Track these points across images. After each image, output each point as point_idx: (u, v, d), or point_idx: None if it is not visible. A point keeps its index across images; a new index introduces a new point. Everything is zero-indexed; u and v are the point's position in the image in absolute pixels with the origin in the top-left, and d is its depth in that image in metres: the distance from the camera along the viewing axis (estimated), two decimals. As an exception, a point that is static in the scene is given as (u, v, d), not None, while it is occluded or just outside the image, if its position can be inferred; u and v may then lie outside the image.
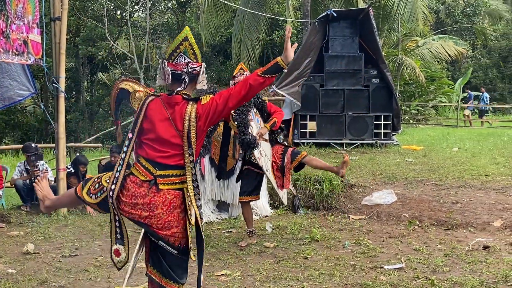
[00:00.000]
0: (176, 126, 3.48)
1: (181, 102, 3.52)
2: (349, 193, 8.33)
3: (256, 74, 3.54)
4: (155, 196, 3.44)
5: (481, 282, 4.82)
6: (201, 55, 3.69)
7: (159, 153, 3.50)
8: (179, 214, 3.50)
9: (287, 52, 3.60)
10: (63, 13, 8.13)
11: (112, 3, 22.77)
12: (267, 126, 6.26)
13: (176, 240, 3.50)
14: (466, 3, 34.88)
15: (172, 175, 3.50)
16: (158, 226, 3.44)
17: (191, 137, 3.46)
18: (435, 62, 25.71)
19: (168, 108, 3.52)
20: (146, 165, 3.50)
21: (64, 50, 8.22)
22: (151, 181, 3.46)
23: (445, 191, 8.20)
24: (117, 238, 3.61)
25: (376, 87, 13.41)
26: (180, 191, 3.52)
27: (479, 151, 12.14)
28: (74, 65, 24.12)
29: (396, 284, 4.82)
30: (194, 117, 3.46)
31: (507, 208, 7.22)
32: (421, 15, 20.04)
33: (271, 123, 6.29)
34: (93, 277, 5.24)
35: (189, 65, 3.57)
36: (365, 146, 13.07)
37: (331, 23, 13.43)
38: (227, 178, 7.90)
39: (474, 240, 6.34)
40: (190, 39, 3.58)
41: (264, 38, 21.68)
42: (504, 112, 29.23)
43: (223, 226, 7.39)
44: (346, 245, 6.22)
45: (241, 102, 3.56)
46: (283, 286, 4.84)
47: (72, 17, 20.07)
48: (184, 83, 3.56)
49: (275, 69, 3.56)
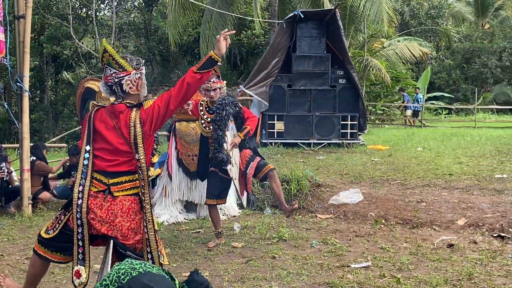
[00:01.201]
0: (123, 134, 3.55)
1: (125, 110, 3.59)
2: (317, 192, 8.37)
3: (192, 71, 3.60)
4: (112, 205, 3.47)
5: (446, 280, 4.90)
6: (137, 62, 3.76)
7: (108, 163, 3.55)
8: (140, 220, 3.51)
9: (219, 44, 3.69)
10: (28, 11, 7.99)
11: (78, 1, 22.47)
12: (240, 136, 6.15)
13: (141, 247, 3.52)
14: (430, 5, 35.49)
15: (125, 181, 3.54)
16: (123, 236, 3.44)
17: (137, 143, 3.51)
18: (400, 63, 26.08)
19: (113, 118, 3.59)
20: (97, 177, 3.54)
21: (28, 49, 8.08)
22: (105, 191, 3.50)
23: (410, 190, 8.32)
24: (78, 259, 3.58)
25: (343, 88, 13.53)
26: (136, 196, 3.54)
27: (443, 151, 12.36)
28: (38, 64, 23.71)
29: (363, 282, 4.87)
30: (139, 123, 3.53)
31: (470, 206, 7.36)
32: (386, 16, 20.29)
33: (244, 132, 6.18)
34: (58, 279, 5.16)
35: (114, 75, 3.63)
36: (332, 146, 13.18)
37: (298, 23, 13.51)
38: (195, 178, 7.86)
39: (438, 238, 6.44)
40: (109, 51, 3.64)
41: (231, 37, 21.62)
42: (467, 113, 29.81)
43: (191, 227, 7.36)
44: (314, 244, 6.26)
45: (182, 102, 3.63)
46: (251, 286, 4.84)
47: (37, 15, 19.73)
48: (117, 93, 3.66)
49: (209, 63, 3.63)
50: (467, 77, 35.34)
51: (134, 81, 3.67)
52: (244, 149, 6.39)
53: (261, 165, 6.30)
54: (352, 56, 19.98)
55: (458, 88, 34.92)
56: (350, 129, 13.38)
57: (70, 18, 18.77)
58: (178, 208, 7.94)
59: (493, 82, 35.33)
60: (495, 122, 24.21)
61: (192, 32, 24.53)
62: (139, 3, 26.84)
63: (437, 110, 30.06)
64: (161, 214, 7.78)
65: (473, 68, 34.64)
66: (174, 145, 7.99)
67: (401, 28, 34.43)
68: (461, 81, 35.15)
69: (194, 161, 7.83)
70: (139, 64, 3.76)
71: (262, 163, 6.32)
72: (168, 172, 7.99)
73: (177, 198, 7.93)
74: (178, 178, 7.94)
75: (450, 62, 36.08)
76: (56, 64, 24.66)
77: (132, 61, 3.72)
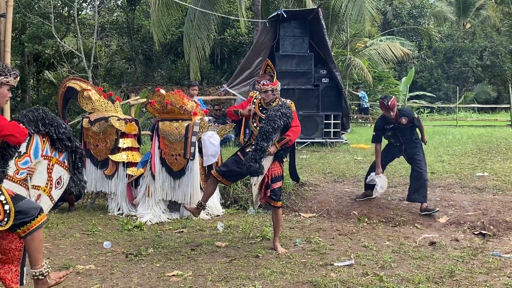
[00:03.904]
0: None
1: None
2: (300, 191, 8.40)
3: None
4: None
5: (428, 277, 4.94)
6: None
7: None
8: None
9: None
10: (8, 10, 7.90)
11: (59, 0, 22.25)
12: (277, 146, 5.81)
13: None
14: (412, 5, 35.72)
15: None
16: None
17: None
18: (382, 62, 26.22)
19: None
20: None
21: (9, 48, 7.98)
22: None
23: (393, 189, 8.37)
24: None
25: (326, 87, 13.58)
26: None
27: (425, 149, 12.39)
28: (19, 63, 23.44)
29: (346, 280, 4.89)
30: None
31: (452, 204, 7.43)
32: (368, 16, 20.39)
33: (282, 142, 5.82)
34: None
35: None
36: (315, 145, 13.21)
37: (282, 23, 13.53)
38: (178, 178, 7.84)
39: (420, 236, 6.49)
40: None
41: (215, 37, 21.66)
42: (449, 111, 30.07)
43: (174, 226, 7.34)
44: (297, 243, 6.28)
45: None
46: (234, 285, 4.84)
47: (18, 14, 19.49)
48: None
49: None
50: (448, 76, 35.66)
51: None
52: (276, 160, 6.02)
53: (276, 195, 5.97)
54: (335, 56, 20.03)
55: (439, 87, 35.22)
56: (333, 128, 13.42)
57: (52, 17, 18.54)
58: (161, 207, 7.91)
59: (474, 81, 35.72)
60: (476, 120, 24.43)
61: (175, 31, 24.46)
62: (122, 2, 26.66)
63: (419, 109, 30.28)
64: (144, 214, 7.75)
65: (455, 67, 34.95)
66: (157, 145, 7.95)
67: (384, 27, 34.63)
68: (442, 80, 35.45)
69: (177, 160, 7.81)
70: (3, 71, 3.85)
71: (278, 193, 5.99)
72: (151, 172, 7.96)
73: (160, 198, 7.90)
74: (161, 178, 7.91)
75: (432, 61, 36.35)
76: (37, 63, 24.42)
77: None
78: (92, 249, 6.15)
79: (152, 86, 22.63)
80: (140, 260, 5.69)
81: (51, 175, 4.80)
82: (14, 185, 4.43)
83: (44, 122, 4.64)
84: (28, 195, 4.52)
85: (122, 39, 27.08)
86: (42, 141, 4.73)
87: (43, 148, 4.75)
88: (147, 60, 27.62)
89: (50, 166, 4.82)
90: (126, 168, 8.23)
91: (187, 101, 7.89)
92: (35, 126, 4.54)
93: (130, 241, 6.51)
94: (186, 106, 7.82)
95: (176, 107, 7.80)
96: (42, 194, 4.77)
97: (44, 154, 4.75)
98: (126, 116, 8.63)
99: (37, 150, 4.70)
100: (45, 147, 4.79)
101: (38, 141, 4.68)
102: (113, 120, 8.16)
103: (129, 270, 5.34)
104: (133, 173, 8.18)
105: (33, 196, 4.57)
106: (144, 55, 27.17)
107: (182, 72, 26.38)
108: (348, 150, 12.57)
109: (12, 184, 4.40)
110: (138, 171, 8.18)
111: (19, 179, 4.55)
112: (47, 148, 4.79)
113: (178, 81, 25.75)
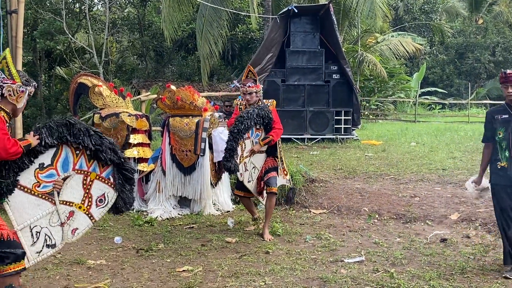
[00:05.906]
0: None
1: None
2: (310, 187, 8.38)
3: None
4: None
5: (439, 274, 4.92)
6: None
7: None
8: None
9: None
10: (20, 6, 7.94)
11: (71, -4, 22.37)
12: (261, 143, 6.30)
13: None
14: (424, 0, 35.47)
15: None
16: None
17: None
18: (393, 58, 26.10)
19: None
20: None
21: (21, 44, 8.03)
22: None
23: (404, 185, 8.34)
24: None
25: (337, 83, 13.55)
26: None
27: (437, 146, 12.39)
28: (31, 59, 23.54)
29: (356, 277, 4.88)
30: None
31: (463, 201, 7.39)
32: (380, 12, 20.29)
33: (266, 141, 6.29)
34: (51, 275, 5.15)
35: (2, 80, 3.98)
36: (326, 141, 13.20)
37: (292, 18, 13.51)
38: (188, 174, 7.85)
39: (432, 233, 6.47)
40: (7, 58, 4.01)
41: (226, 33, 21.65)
42: (461, 108, 29.89)
43: (184, 222, 7.35)
44: (307, 239, 6.27)
45: None
46: (244, 281, 4.84)
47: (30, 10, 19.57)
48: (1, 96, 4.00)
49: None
50: (460, 72, 35.43)
51: (16, 91, 3.99)
52: (269, 157, 6.53)
53: (271, 183, 6.39)
54: (346, 51, 19.97)
55: (451, 83, 35.01)
56: (344, 124, 13.40)
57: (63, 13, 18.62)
58: (172, 203, 7.93)
59: (486, 77, 35.43)
60: (488, 117, 24.26)
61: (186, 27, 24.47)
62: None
63: (431, 105, 30.13)
64: (155, 210, 7.77)
65: (467, 63, 34.72)
66: (168, 141, 7.97)
67: (395, 23, 34.43)
68: (454, 76, 35.23)
69: (187, 156, 7.82)
70: (28, 82, 4.08)
71: (273, 181, 6.40)
72: (161, 168, 7.97)
73: (171, 194, 7.92)
74: (171, 174, 7.92)
75: (444, 57, 36.13)
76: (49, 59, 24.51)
77: (23, 77, 4.07)
78: (103, 244, 6.18)
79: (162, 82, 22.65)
80: (151, 255, 5.71)
81: (90, 191, 4.37)
82: (32, 198, 4.09)
83: (71, 132, 4.22)
84: (56, 211, 4.26)
85: (133, 35, 27.13)
86: (74, 154, 4.22)
87: (75, 161, 4.28)
88: (158, 56, 27.64)
89: (88, 182, 4.36)
90: (137, 163, 8.25)
91: (197, 97, 7.90)
92: (58, 137, 4.18)
93: (141, 236, 6.53)
94: (197, 102, 7.83)
95: (186, 103, 7.81)
96: (77, 211, 4.30)
97: (77, 168, 4.32)
98: (137, 112, 8.64)
99: (66, 163, 4.22)
100: (79, 160, 4.32)
101: (69, 153, 4.27)
102: (124, 116, 8.17)
103: (139, 265, 5.37)
104: (144, 168, 8.20)
105: (62, 213, 4.27)
106: (155, 51, 27.18)
107: (193, 68, 26.40)
108: (358, 146, 12.54)
109: (30, 197, 4.12)
110: (149, 167, 8.20)
111: (41, 192, 4.20)
112: (81, 161, 4.35)
113: (188, 77, 25.76)
